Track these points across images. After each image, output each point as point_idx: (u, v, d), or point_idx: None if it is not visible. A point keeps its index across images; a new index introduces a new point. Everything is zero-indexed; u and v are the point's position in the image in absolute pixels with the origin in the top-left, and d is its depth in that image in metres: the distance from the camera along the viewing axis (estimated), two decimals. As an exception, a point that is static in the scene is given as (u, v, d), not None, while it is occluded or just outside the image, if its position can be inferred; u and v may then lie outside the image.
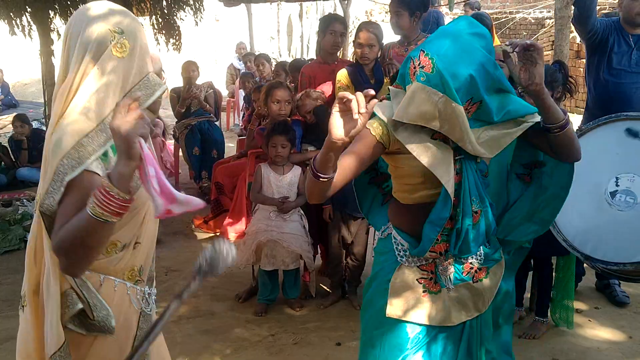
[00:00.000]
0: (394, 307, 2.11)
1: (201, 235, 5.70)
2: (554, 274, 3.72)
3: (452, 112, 1.86)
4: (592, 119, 4.28)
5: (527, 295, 3.96)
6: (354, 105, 1.64)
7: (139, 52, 1.72)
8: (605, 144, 3.03)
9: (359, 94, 1.65)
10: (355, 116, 1.65)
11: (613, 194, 2.92)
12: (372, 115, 1.95)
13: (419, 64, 1.90)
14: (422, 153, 1.93)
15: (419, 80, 1.89)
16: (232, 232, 5.30)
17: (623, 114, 3.19)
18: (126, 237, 1.83)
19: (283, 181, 4.11)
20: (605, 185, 2.95)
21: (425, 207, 2.02)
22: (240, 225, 5.20)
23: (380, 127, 1.96)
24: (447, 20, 10.11)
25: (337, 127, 1.70)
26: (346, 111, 1.68)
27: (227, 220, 5.36)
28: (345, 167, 1.92)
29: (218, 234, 5.51)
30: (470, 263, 2.12)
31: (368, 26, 4.13)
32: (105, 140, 1.66)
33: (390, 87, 2.06)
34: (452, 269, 2.09)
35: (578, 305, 4.07)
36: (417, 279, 2.11)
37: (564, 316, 3.71)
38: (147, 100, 1.72)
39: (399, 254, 2.13)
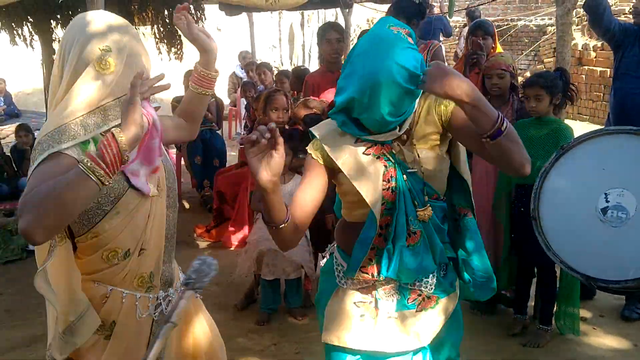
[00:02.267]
0: (329, 333, 2.02)
1: (203, 244, 5.70)
2: (557, 282, 3.70)
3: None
4: (608, 124, 4.30)
5: (531, 303, 3.94)
6: (263, 142, 1.60)
7: (123, 70, 1.79)
8: (591, 160, 3.01)
9: (263, 128, 1.60)
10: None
11: (604, 211, 2.88)
12: (312, 137, 1.97)
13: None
14: (351, 169, 1.87)
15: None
16: (234, 241, 5.31)
17: (604, 128, 3.20)
18: (126, 244, 1.83)
19: (284, 190, 4.10)
20: (595, 203, 2.90)
21: (362, 226, 1.92)
22: (243, 234, 5.20)
23: (319, 149, 1.92)
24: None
25: (259, 170, 1.64)
26: (261, 150, 1.62)
27: (229, 229, 5.37)
28: (303, 202, 1.88)
29: (220, 242, 5.50)
30: (419, 290, 1.96)
31: None
32: (84, 132, 1.73)
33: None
34: (396, 296, 1.96)
35: (583, 313, 4.05)
36: (354, 302, 1.98)
37: (569, 324, 3.69)
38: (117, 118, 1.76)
39: (338, 275, 2.04)
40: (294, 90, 5.60)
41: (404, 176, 1.88)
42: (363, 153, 1.88)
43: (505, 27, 13.66)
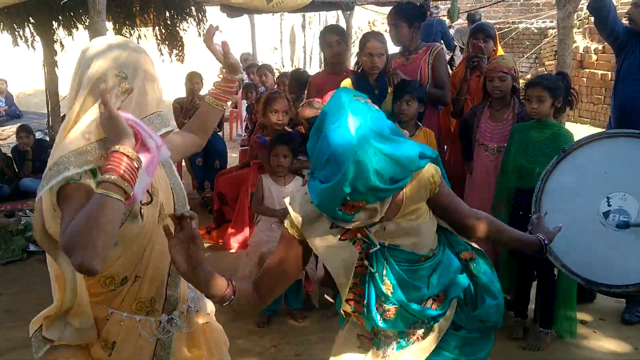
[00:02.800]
0: (334, 355, 2.10)
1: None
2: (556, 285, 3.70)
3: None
4: (610, 128, 4.30)
5: (532, 306, 3.94)
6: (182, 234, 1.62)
7: (136, 96, 1.80)
8: (593, 163, 3.00)
9: (170, 217, 1.63)
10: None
11: (606, 215, 2.87)
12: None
13: (354, 206, 1.74)
14: (326, 255, 1.86)
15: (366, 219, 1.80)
16: (235, 243, 5.31)
17: (605, 132, 3.19)
18: (124, 272, 1.87)
19: (284, 192, 4.11)
20: (597, 207, 2.90)
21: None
22: (243, 236, 5.20)
23: (295, 227, 1.88)
24: (450, 31, 10.13)
25: (179, 262, 1.63)
26: (181, 242, 1.63)
27: (230, 231, 5.37)
28: (276, 273, 1.90)
29: (220, 244, 5.50)
30: (416, 333, 1.97)
31: (375, 36, 4.12)
32: (95, 158, 1.70)
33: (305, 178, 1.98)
34: (395, 340, 1.98)
35: (583, 316, 4.05)
36: (357, 334, 2.06)
37: (566, 327, 3.68)
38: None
39: None
40: (292, 93, 5.60)
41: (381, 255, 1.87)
42: (339, 239, 1.85)
43: (506, 30, 13.66)
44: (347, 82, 4.15)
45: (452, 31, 10.21)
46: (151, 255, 1.91)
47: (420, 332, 1.96)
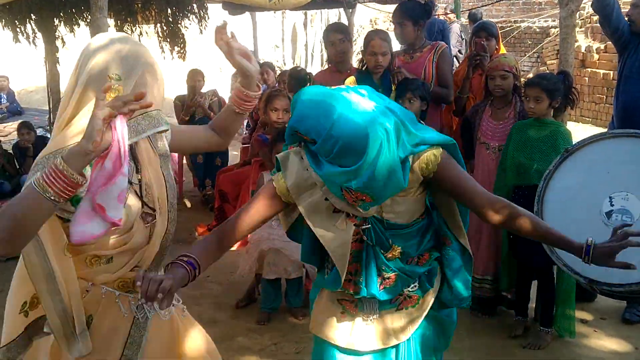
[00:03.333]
0: (315, 326, 2.12)
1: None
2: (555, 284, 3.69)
3: None
4: (612, 127, 4.28)
5: (532, 305, 3.93)
6: None
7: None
8: (595, 163, 2.99)
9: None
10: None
11: (609, 214, 2.86)
12: (278, 169, 1.90)
13: (357, 197, 1.75)
14: (322, 231, 1.85)
15: (365, 209, 1.82)
16: (235, 240, 5.30)
17: (608, 131, 3.17)
18: (109, 254, 1.85)
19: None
20: (599, 206, 2.89)
21: None
22: (244, 234, 5.19)
23: (285, 184, 1.86)
24: (453, 28, 10.10)
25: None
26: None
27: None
28: (245, 224, 1.91)
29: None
30: (400, 294, 2.03)
31: (380, 34, 4.11)
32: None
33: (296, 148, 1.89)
34: (376, 300, 2.00)
35: (584, 315, 4.04)
36: (337, 299, 2.05)
37: (566, 326, 3.68)
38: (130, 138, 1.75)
39: (326, 273, 2.08)
40: (291, 91, 5.59)
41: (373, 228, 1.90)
42: (333, 211, 1.86)
43: (508, 28, 13.65)
44: (350, 80, 4.14)
45: (454, 27, 10.16)
46: (148, 247, 1.92)
47: (406, 292, 2.01)
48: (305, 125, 1.75)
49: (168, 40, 7.13)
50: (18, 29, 6.12)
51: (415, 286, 2.03)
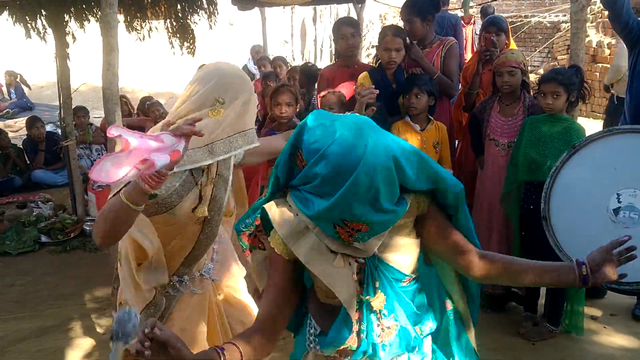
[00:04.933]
0: None
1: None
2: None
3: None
4: (624, 123, 4.25)
5: (542, 301, 3.92)
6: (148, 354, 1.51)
7: (229, 120, 2.22)
8: (603, 159, 2.97)
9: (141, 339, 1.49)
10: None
11: (616, 211, 2.84)
12: (269, 224, 1.76)
13: (354, 228, 1.62)
14: (325, 275, 1.69)
15: (364, 241, 1.66)
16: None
17: (615, 128, 3.14)
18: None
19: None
20: (607, 203, 2.87)
21: (335, 309, 1.76)
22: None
23: (280, 241, 1.74)
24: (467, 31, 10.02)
25: None
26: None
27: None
28: (278, 306, 1.78)
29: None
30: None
31: (394, 30, 4.07)
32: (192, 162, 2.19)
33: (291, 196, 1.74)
34: None
35: (593, 312, 4.03)
36: None
37: (574, 322, 3.68)
38: (225, 153, 2.24)
39: (309, 338, 1.89)
40: (302, 87, 5.58)
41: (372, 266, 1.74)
42: (331, 252, 1.70)
43: (519, 23, 13.57)
44: (364, 76, 4.13)
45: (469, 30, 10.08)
46: (176, 244, 2.33)
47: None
48: (309, 139, 1.63)
49: (177, 35, 7.12)
50: (29, 25, 6.14)
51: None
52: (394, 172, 1.59)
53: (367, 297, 1.73)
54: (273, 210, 1.74)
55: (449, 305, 1.95)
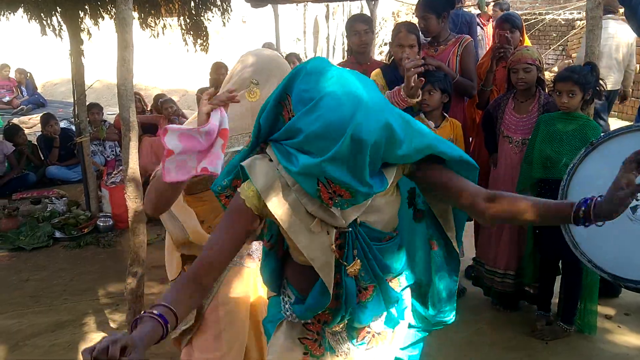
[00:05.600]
0: None
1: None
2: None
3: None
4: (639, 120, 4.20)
5: (555, 300, 3.90)
6: None
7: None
8: (620, 157, 2.93)
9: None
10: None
11: (634, 209, 2.81)
12: (245, 176, 1.66)
13: (336, 192, 1.54)
14: (301, 237, 1.62)
15: (343, 208, 1.59)
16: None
17: (634, 125, 3.11)
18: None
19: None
20: None
21: (313, 271, 1.67)
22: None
23: (254, 194, 1.63)
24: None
25: None
26: None
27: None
28: (222, 256, 1.63)
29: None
30: (367, 329, 1.83)
31: (407, 27, 4.05)
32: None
33: (270, 148, 1.65)
34: (343, 335, 1.82)
35: (607, 311, 4.00)
36: (299, 338, 1.83)
37: (588, 321, 3.66)
38: None
39: (284, 306, 1.86)
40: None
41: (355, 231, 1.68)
42: (310, 215, 1.62)
43: (533, 20, 13.49)
44: (376, 73, 4.12)
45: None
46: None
47: (375, 328, 1.83)
48: (302, 86, 1.55)
49: (191, 33, 7.14)
50: (44, 22, 6.18)
51: (382, 319, 1.85)
52: (384, 144, 1.53)
53: (345, 264, 1.67)
54: (251, 163, 1.64)
55: (435, 247, 1.92)
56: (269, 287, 1.93)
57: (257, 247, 2.51)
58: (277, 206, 1.60)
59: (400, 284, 1.86)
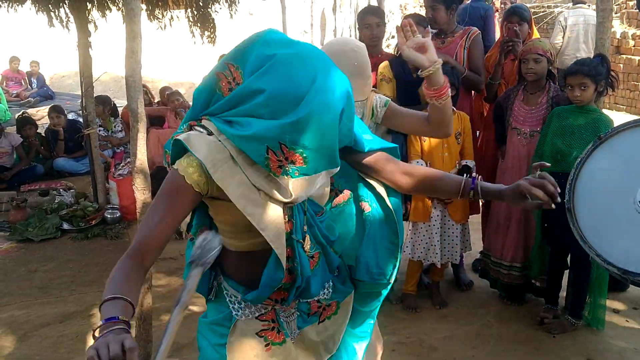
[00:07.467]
0: None
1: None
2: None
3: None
4: None
5: (562, 294, 3.89)
6: None
7: None
8: (629, 150, 2.92)
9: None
10: None
11: None
12: (184, 152, 1.56)
13: (288, 158, 1.48)
14: (251, 210, 1.55)
15: (293, 176, 1.52)
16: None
17: None
18: None
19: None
20: (633, 195, 2.82)
21: (255, 255, 1.68)
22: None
23: (195, 169, 1.54)
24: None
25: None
26: None
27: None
28: (161, 239, 1.55)
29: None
30: (317, 301, 1.86)
31: (416, 18, 3.99)
32: None
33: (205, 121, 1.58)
34: (295, 314, 1.84)
35: (616, 305, 3.99)
36: (257, 332, 1.79)
37: (596, 315, 3.65)
38: None
39: (233, 307, 1.81)
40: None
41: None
42: (257, 189, 1.58)
43: (542, 13, 13.40)
44: (384, 65, 4.10)
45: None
46: None
47: (324, 301, 1.88)
48: (260, 50, 1.51)
49: (198, 24, 7.13)
50: (52, 13, 6.18)
51: (329, 290, 1.89)
52: (345, 111, 1.55)
53: (299, 240, 1.68)
54: (187, 137, 1.54)
55: (367, 208, 1.96)
56: (198, 289, 1.74)
57: None
58: (224, 177, 1.52)
59: (338, 252, 1.91)
